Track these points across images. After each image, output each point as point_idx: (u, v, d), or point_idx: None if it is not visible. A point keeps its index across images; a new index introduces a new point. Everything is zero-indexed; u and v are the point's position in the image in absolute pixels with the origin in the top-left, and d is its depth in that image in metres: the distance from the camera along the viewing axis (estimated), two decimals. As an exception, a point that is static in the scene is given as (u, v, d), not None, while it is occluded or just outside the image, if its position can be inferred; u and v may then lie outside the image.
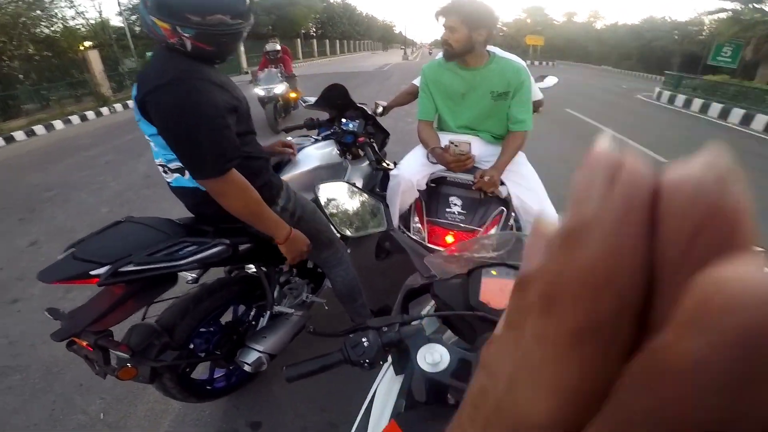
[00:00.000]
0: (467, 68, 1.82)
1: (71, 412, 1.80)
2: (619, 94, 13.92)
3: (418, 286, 0.88)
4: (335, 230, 1.68)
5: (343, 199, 1.13)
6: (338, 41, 43.48)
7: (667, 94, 12.25)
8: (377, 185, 2.49)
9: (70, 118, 9.16)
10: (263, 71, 6.83)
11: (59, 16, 13.13)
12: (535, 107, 2.02)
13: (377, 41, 74.80)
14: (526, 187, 1.85)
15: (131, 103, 10.78)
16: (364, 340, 0.69)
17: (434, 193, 1.91)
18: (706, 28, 26.53)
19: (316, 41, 35.27)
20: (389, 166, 2.30)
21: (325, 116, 2.52)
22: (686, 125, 8.70)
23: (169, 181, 1.32)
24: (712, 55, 15.17)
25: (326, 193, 1.10)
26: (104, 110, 10.13)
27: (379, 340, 0.69)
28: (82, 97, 11.41)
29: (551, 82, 2.64)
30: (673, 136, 7.33)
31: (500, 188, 1.81)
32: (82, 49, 12.75)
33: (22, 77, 10.58)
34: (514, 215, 1.86)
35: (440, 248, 1.74)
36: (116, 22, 19.34)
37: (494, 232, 1.75)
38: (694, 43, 26.37)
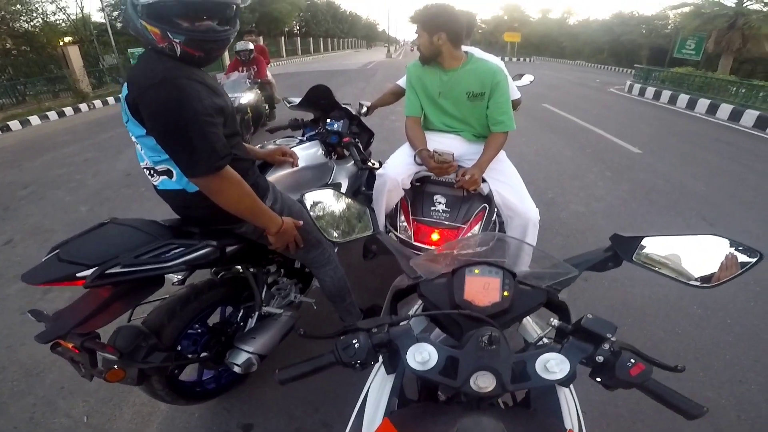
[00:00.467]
0: (445, 70, 1.90)
1: (53, 415, 1.77)
2: (593, 87, 14.26)
3: (405, 286, 0.90)
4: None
5: (329, 205, 1.15)
6: (322, 39, 43.21)
7: (637, 86, 12.70)
8: (363, 184, 2.51)
9: (47, 113, 8.96)
10: (230, 75, 5.87)
11: (39, 11, 12.81)
12: (513, 106, 2.08)
13: (361, 39, 74.73)
14: (506, 183, 1.91)
15: (111, 99, 10.51)
16: (354, 341, 0.70)
17: (419, 191, 1.95)
18: (671, 22, 27.06)
19: (299, 39, 35.00)
20: (374, 165, 2.33)
21: (309, 116, 2.53)
22: (657, 116, 8.99)
23: (155, 183, 1.31)
24: (677, 48, 15.80)
25: (312, 199, 1.12)
26: (83, 106, 9.93)
27: (369, 341, 0.71)
28: (60, 92, 11.18)
29: (528, 80, 2.71)
30: (645, 127, 7.57)
31: (482, 186, 1.87)
32: (61, 44, 12.44)
33: (-3, 71, 10.29)
34: (496, 211, 1.91)
35: (426, 246, 1.78)
36: (98, 18, 19.01)
37: (477, 229, 1.81)
38: (660, 36, 26.98)
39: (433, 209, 1.86)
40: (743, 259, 0.82)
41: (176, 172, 1.23)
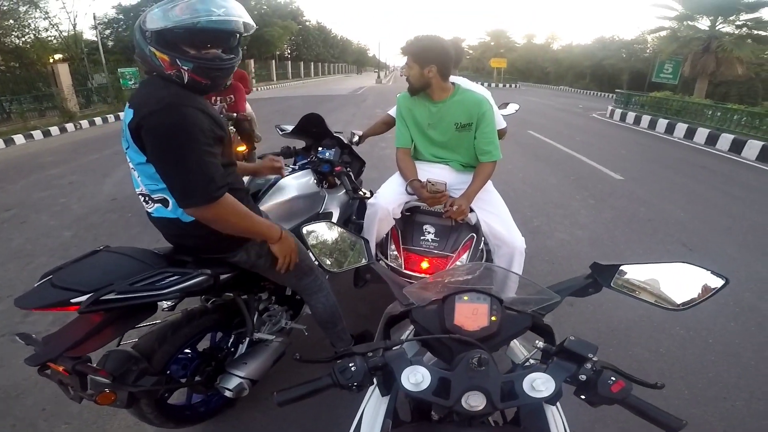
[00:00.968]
0: (434, 102, 1.97)
1: (35, 438, 1.72)
2: (576, 113, 14.79)
3: (398, 313, 0.94)
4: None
5: (325, 235, 1.20)
6: (313, 63, 43.89)
7: (618, 111, 13.19)
8: (354, 213, 2.55)
9: (32, 133, 8.83)
10: None
11: (32, 26, 12.73)
12: (499, 135, 2.15)
13: (351, 64, 76.16)
14: (493, 213, 1.98)
15: (99, 120, 10.37)
16: (351, 365, 0.74)
17: (409, 221, 2.00)
18: (649, 45, 28.13)
19: (290, 63, 35.51)
20: (366, 194, 2.37)
21: (301, 144, 2.58)
22: (637, 141, 9.37)
23: (149, 210, 1.33)
24: (655, 72, 16.29)
25: (309, 230, 1.17)
26: (69, 126, 9.82)
27: (365, 365, 0.74)
28: (46, 111, 11.05)
29: (513, 108, 2.82)
30: (626, 153, 7.88)
31: (470, 215, 1.93)
32: (51, 61, 12.35)
33: (-18, 88, 10.16)
34: (483, 240, 1.96)
35: (417, 274, 1.82)
36: (89, 35, 18.87)
37: (466, 257, 1.85)
38: (640, 60, 28.02)
39: (422, 238, 1.91)
40: (711, 283, 0.89)
41: (172, 201, 1.24)
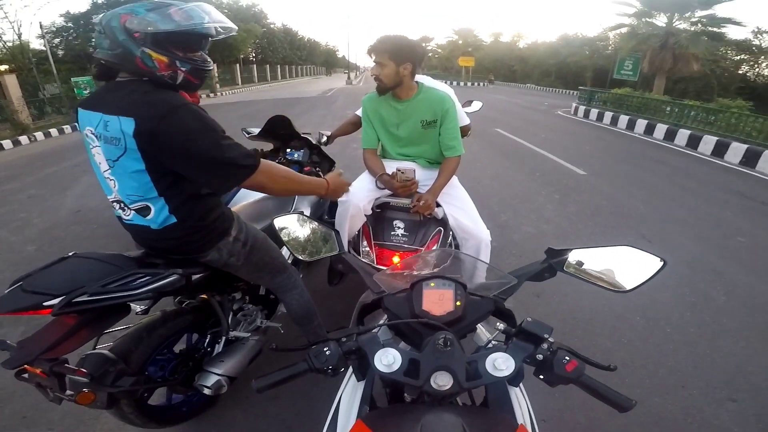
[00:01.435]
0: (399, 101, 2.02)
1: (14, 447, 1.68)
2: (541, 111, 15.22)
3: (370, 301, 0.99)
4: (291, 255, 1.74)
5: (297, 228, 1.24)
6: (279, 66, 43.19)
7: (582, 108, 13.58)
8: (325, 212, 2.58)
9: (-18, 147, 8.37)
10: None
11: (-26, 37, 12.06)
12: (463, 132, 2.22)
13: (320, 66, 75.50)
14: (460, 208, 2.06)
15: (54, 131, 9.87)
16: (326, 349, 0.78)
17: (380, 217, 2.05)
18: (611, 43, 28.53)
19: (256, 66, 34.84)
20: (337, 193, 2.40)
21: (269, 147, 2.59)
22: (599, 137, 9.75)
23: (125, 216, 1.31)
24: (616, 69, 16.66)
25: (281, 224, 1.20)
26: (23, 139, 9.37)
27: (339, 349, 0.79)
28: (-5, 124, 10.46)
29: (477, 106, 2.90)
30: (589, 148, 8.19)
31: (437, 210, 2.00)
32: (-4, 73, 11.74)
33: None
34: (451, 233, 2.04)
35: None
36: (37, 45, 18.11)
37: (434, 249, 1.92)
38: (602, 57, 28.53)
39: (393, 234, 1.96)
40: (652, 265, 0.96)
41: (154, 209, 1.24)
